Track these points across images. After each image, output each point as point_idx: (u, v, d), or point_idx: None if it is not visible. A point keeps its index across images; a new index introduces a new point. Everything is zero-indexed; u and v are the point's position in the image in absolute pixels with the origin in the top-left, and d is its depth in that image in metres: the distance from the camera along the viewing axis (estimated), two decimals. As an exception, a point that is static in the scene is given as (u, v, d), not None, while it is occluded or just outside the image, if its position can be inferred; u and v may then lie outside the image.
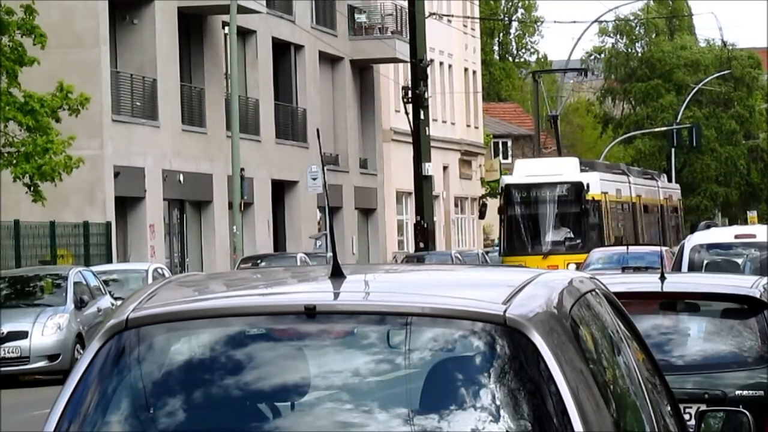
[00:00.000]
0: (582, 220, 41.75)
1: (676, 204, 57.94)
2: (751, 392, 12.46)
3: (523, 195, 41.97)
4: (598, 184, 42.47)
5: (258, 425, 6.19)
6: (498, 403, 6.13)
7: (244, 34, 53.63)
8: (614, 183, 45.89)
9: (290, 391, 6.24)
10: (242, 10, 46.28)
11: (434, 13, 63.75)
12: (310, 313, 6.28)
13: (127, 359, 6.33)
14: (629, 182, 47.70)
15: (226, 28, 47.00)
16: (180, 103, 55.04)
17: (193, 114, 55.91)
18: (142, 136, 52.20)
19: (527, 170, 43.14)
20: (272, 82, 61.34)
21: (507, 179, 43.54)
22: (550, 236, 41.81)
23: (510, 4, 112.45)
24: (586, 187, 41.36)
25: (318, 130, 8.68)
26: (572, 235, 41.41)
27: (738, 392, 12.31)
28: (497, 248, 54.77)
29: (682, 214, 64.28)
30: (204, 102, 56.45)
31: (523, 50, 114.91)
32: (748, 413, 8.94)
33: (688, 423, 7.95)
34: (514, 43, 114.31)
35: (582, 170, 43.32)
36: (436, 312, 6.37)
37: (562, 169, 43.00)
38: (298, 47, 64.09)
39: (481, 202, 47.74)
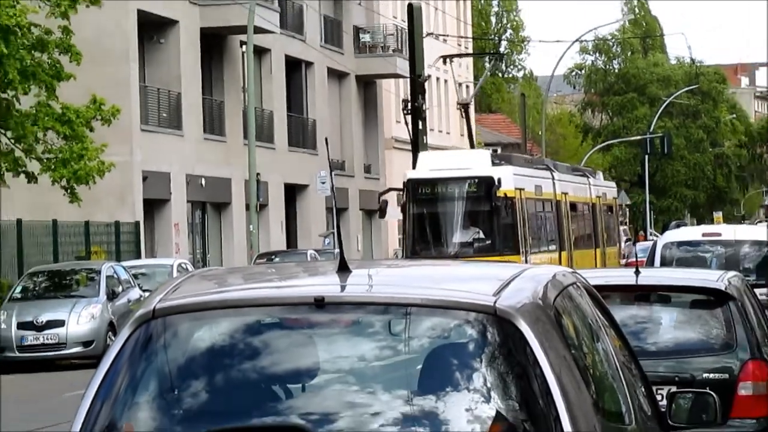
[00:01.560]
0: (493, 218, 35.96)
1: (611, 203, 52.66)
2: (717, 375, 12.46)
3: (427, 191, 36.27)
4: (512, 180, 36.76)
5: (272, 405, 6.17)
6: (489, 385, 6.13)
7: (260, 52, 53.47)
8: (533, 179, 40.21)
9: (301, 374, 6.25)
10: (258, 30, 46.15)
11: (431, 33, 63.60)
12: (320, 303, 6.30)
13: (154, 345, 6.36)
14: (553, 178, 42.10)
15: (244, 46, 46.82)
16: (202, 114, 54.95)
17: (213, 124, 55.81)
18: (168, 144, 52.13)
19: (432, 163, 37.68)
20: (285, 95, 61.22)
21: (410, 173, 37.93)
22: (457, 237, 35.95)
23: (500, 24, 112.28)
24: (497, 183, 35.50)
25: (326, 139, 8.66)
26: (482, 236, 35.78)
27: (705, 375, 12.31)
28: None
29: (617, 213, 57.69)
30: (223, 113, 56.35)
31: (512, 67, 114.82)
32: (714, 394, 8.92)
33: (660, 403, 7.91)
34: (503, 62, 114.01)
35: (495, 164, 37.73)
36: (433, 303, 6.38)
37: (472, 162, 37.47)
38: (309, 64, 63.98)
39: (381, 199, 39.21)
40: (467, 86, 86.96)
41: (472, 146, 50.33)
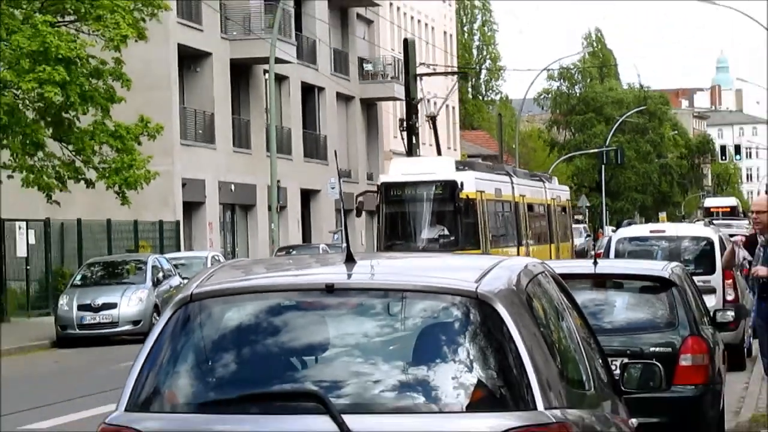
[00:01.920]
0: (456, 217, 34.92)
1: (564, 204, 51.27)
2: (662, 349, 12.46)
3: (398, 193, 35.37)
4: (473, 183, 35.79)
5: (290, 374, 6.20)
6: (471, 357, 6.17)
7: (280, 79, 53.34)
8: (493, 182, 39.12)
9: (314, 348, 6.29)
10: (278, 61, 46.09)
11: (423, 63, 63.49)
12: (330, 289, 6.33)
13: (192, 324, 6.39)
14: (512, 182, 40.93)
15: (266, 74, 46.66)
16: (231, 130, 54.92)
17: (241, 139, 55.76)
18: (203, 156, 52.11)
19: (403, 169, 36.95)
20: (301, 115, 61.17)
21: (383, 177, 37.51)
22: (424, 233, 34.73)
23: (480, 56, 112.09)
24: (460, 186, 34.59)
25: (335, 152, 8.74)
26: (447, 232, 34.62)
27: (652, 349, 12.32)
28: None
29: (570, 213, 56.78)
30: (249, 130, 56.29)
31: (490, 91, 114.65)
32: (659, 365, 8.89)
33: (615, 372, 7.90)
34: (483, 86, 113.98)
35: (458, 169, 36.81)
36: (424, 288, 6.42)
37: (437, 167, 36.69)
38: (321, 89, 63.89)
39: (357, 200, 38.64)
40: (453, 107, 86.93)
41: (439, 154, 49.02)
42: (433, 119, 53.69)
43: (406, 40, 53.73)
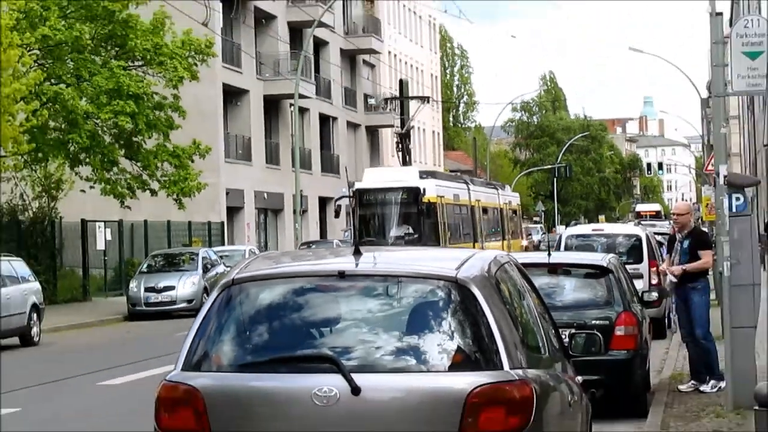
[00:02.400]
0: (419, 218, 32.86)
1: (515, 208, 49.02)
2: (601, 322, 12.44)
3: (370, 198, 33.46)
4: (434, 189, 33.95)
5: (310, 341, 6.23)
6: (452, 329, 6.21)
7: (302, 110, 53.23)
8: (452, 189, 37.25)
9: (329, 321, 6.31)
10: (301, 96, 45.99)
11: (415, 97, 63.48)
12: (341, 275, 6.37)
13: (233, 302, 6.40)
14: (469, 189, 39.12)
15: (292, 107, 46.64)
16: (264, 151, 54.88)
17: (272, 157, 55.72)
18: (242, 171, 52.05)
19: (374, 177, 35.25)
20: (318, 138, 61.08)
21: (357, 185, 35.02)
22: (392, 232, 32.47)
23: (459, 92, 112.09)
24: (422, 191, 32.84)
25: (346, 168, 8.76)
26: (411, 231, 32.40)
27: (593, 322, 12.29)
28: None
29: (520, 215, 54.64)
30: (278, 150, 56.24)
31: (467, 120, 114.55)
32: (599, 334, 8.91)
33: (564, 340, 7.89)
34: (461, 116, 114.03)
35: (421, 177, 34.99)
36: (416, 275, 6.45)
37: (403, 176, 34.95)
38: (334, 118, 63.85)
39: (336, 204, 37.69)
40: (438, 133, 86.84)
41: (405, 164, 46.91)
42: (401, 136, 52.31)
43: (401, 81, 53.77)
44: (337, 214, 39.00)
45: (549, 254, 14.51)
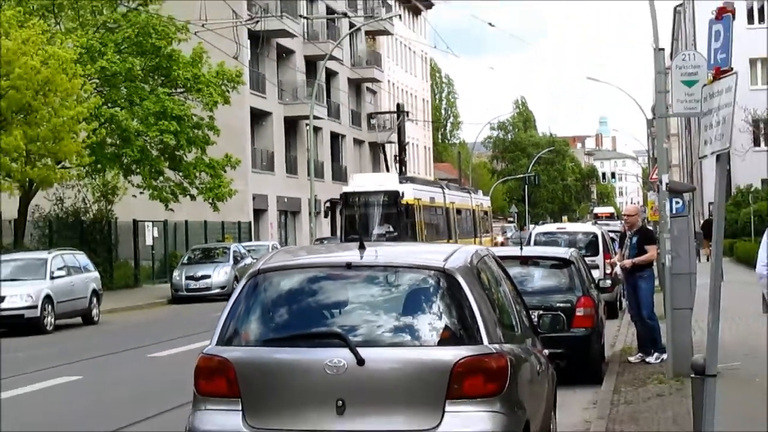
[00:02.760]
0: (399, 218, 31.05)
1: (486, 209, 47.03)
2: (564, 304, 12.46)
3: (356, 200, 31.89)
4: (412, 192, 32.16)
5: (322, 321, 6.23)
6: (441, 310, 6.22)
7: (316, 129, 53.12)
8: (429, 192, 35.39)
9: (338, 304, 6.31)
10: (315, 118, 45.94)
11: (411, 120, 63.50)
12: (349, 266, 6.36)
13: (259, 288, 6.39)
14: (444, 193, 37.28)
15: (307, 126, 46.64)
16: (285, 163, 54.77)
17: (290, 168, 55.61)
18: (266, 179, 51.98)
19: (359, 182, 33.41)
20: (330, 153, 60.95)
21: (344, 188, 33.63)
22: (375, 230, 30.57)
23: (446, 114, 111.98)
24: (401, 194, 31.19)
25: (353, 176, 8.77)
26: (392, 229, 30.49)
27: (558, 304, 12.31)
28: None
29: (491, 215, 51.87)
30: (297, 162, 56.10)
31: (453, 137, 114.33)
32: (563, 315, 8.91)
33: (534, 320, 7.90)
34: (448, 134, 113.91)
35: (401, 182, 33.01)
36: (410, 265, 6.46)
37: (384, 181, 33.11)
38: (343, 136, 63.73)
39: (325, 205, 34.89)
40: (429, 148, 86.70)
41: (387, 171, 45.15)
42: (382, 146, 50.82)
43: (398, 104, 53.66)
44: (326, 214, 37.14)
45: (521, 248, 14.51)
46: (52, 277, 23.48)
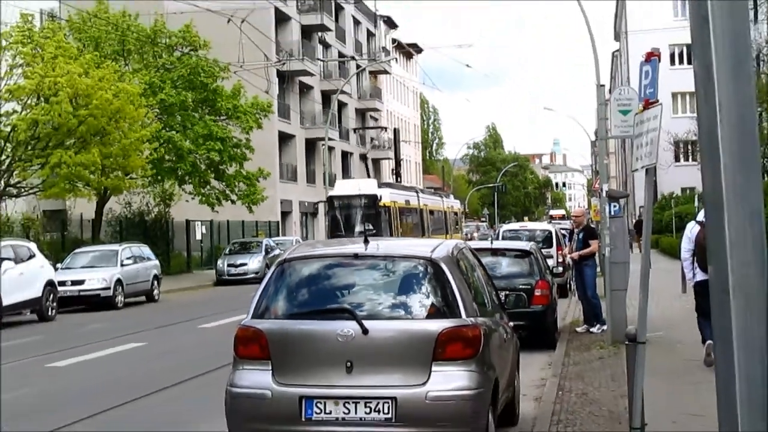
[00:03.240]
0: (377, 217, 28.64)
1: (456, 211, 43.76)
2: (525, 286, 12.44)
3: (340, 203, 29.39)
4: (389, 196, 29.89)
5: (336, 299, 6.19)
6: (428, 291, 6.20)
7: (330, 148, 52.97)
8: (404, 195, 32.90)
9: (348, 286, 6.26)
10: (329, 139, 45.97)
11: (405, 141, 63.38)
12: (356, 256, 6.33)
13: (285, 274, 6.35)
14: (418, 197, 34.70)
15: (323, 146, 46.67)
16: (305, 175, 54.66)
17: (310, 179, 55.37)
18: (292, 188, 51.83)
19: (343, 187, 30.89)
20: (341, 167, 60.87)
21: (330, 192, 30.93)
22: (357, 228, 28.10)
23: (432, 136, 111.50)
24: (379, 197, 28.95)
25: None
26: (371, 227, 27.66)
27: (520, 286, 12.29)
28: None
29: (461, 216, 47.92)
30: (315, 174, 55.94)
31: (438, 154, 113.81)
32: (524, 294, 8.90)
33: (502, 299, 7.88)
34: (434, 151, 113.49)
35: (379, 187, 30.84)
36: (404, 255, 6.43)
37: (365, 186, 30.30)
38: (351, 153, 63.44)
39: (315, 206, 31.89)
40: (419, 164, 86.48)
41: (368, 177, 41.42)
42: (364, 157, 47.85)
43: (395, 129, 53.52)
44: (313, 215, 34.23)
45: (491, 242, 14.51)
46: (122, 265, 23.47)
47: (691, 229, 9.70)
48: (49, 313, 19.65)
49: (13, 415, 8.70)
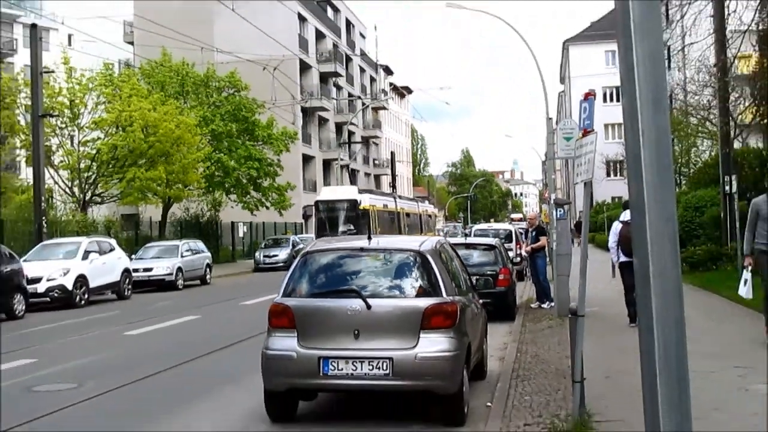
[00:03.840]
0: (357, 220, 25.59)
1: (430, 213, 40.02)
2: (491, 272, 12.39)
3: (325, 206, 26.50)
4: (368, 200, 26.74)
5: (346, 282, 6.14)
6: (417, 276, 6.15)
7: (342, 166, 52.90)
8: (383, 200, 29.66)
9: (355, 272, 6.18)
10: (341, 160, 45.87)
11: (399, 161, 63.25)
12: (361, 249, 6.28)
13: (307, 263, 6.29)
14: (396, 201, 31.43)
15: (337, 165, 46.57)
16: (323, 187, 54.55)
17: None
18: (312, 197, 51.46)
19: (328, 193, 27.97)
20: (349, 181, 60.65)
21: (317, 197, 27.81)
22: (340, 229, 25.33)
23: (420, 157, 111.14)
24: (359, 202, 26.00)
25: (323, 189, 8.67)
26: (352, 227, 25.25)
27: (488, 272, 12.25)
28: None
29: (435, 218, 43.61)
30: (330, 185, 56.02)
31: (424, 171, 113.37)
32: (491, 278, 8.85)
33: (474, 282, 7.84)
34: (422, 169, 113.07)
35: (360, 192, 27.73)
36: (399, 248, 6.35)
37: (347, 192, 27.49)
38: (357, 171, 63.35)
39: (304, 210, 29.13)
40: (410, 179, 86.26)
41: (352, 184, 38.66)
42: (347, 167, 45.51)
43: (392, 153, 53.42)
44: (305, 218, 31.03)
45: (466, 238, 14.47)
46: (182, 256, 23.42)
47: (616, 227, 10.22)
48: (125, 294, 19.62)
49: (99, 372, 8.69)
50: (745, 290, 7.29)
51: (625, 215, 10.04)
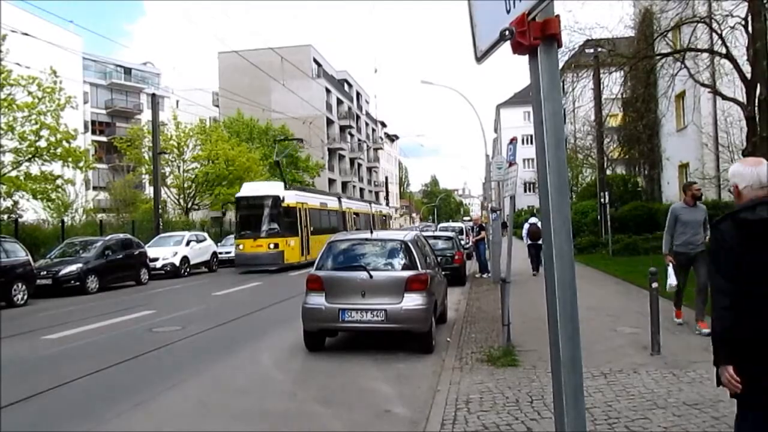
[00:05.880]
0: (280, 217, 16.28)
1: (385, 214, 30.49)
2: (450, 253, 12.26)
3: (246, 203, 16.60)
4: (294, 197, 16.96)
5: (356, 261, 6.09)
6: (402, 256, 6.08)
7: (353, 186, 52.61)
8: (320, 199, 19.59)
9: (362, 255, 6.15)
10: (353, 183, 45.29)
11: (391, 183, 62.58)
12: (367, 239, 6.20)
13: (331, 248, 6.21)
14: (340, 201, 22.13)
15: (352, 185, 46.08)
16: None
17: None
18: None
19: (249, 189, 16.99)
20: (359, 193, 60.45)
21: (238, 194, 17.07)
22: (262, 227, 16.33)
23: (404, 180, 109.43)
24: (282, 198, 16.32)
25: (370, 203, 8.58)
26: (274, 226, 16.29)
27: (448, 253, 12.11)
28: None
29: (389, 219, 32.56)
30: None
31: (408, 189, 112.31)
32: (450, 257, 8.77)
33: (439, 260, 7.75)
34: (405, 188, 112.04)
35: (285, 189, 17.02)
36: (391, 239, 6.27)
37: (269, 188, 16.97)
38: (363, 189, 63.10)
39: (223, 207, 19.32)
40: (398, 194, 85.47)
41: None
42: (278, 163, 31.19)
43: (386, 177, 53.17)
44: (223, 215, 22.80)
45: (434, 232, 14.33)
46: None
47: (526, 225, 11.84)
48: (214, 268, 19.33)
49: (197, 319, 8.55)
50: (669, 282, 6.12)
51: (532, 219, 11.31)
